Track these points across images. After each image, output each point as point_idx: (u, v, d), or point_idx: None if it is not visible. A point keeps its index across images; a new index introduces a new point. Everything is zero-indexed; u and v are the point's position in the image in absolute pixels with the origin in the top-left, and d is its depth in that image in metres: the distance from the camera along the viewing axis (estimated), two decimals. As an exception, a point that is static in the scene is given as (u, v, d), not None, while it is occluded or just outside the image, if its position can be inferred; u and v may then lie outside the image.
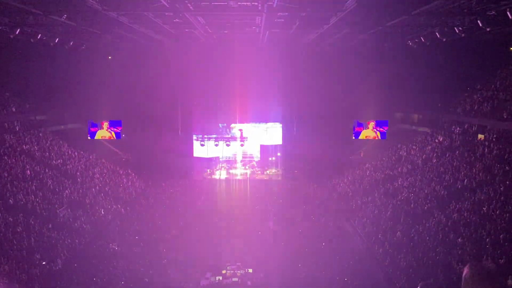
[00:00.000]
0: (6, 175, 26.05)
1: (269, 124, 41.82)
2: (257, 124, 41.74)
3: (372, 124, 38.45)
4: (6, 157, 27.84)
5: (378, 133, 38.75)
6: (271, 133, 41.88)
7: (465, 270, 2.88)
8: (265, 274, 20.94)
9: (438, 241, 19.91)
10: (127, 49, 35.01)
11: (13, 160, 28.00)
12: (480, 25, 19.41)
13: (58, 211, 25.30)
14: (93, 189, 30.02)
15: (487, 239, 18.20)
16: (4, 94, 33.67)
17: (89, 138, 37.00)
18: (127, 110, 38.90)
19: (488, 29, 19.94)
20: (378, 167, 33.48)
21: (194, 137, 40.96)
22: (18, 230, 21.67)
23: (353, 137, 38.81)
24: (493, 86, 30.47)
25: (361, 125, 38.36)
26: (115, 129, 37.72)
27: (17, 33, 22.70)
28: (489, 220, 19.48)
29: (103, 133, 38.65)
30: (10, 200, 24.11)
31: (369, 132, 38.82)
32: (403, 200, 25.84)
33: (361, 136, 38.55)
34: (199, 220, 27.56)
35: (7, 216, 22.49)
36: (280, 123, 41.62)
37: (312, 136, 37.84)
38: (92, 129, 37.53)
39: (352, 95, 37.51)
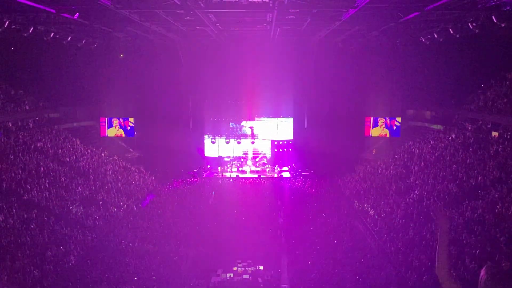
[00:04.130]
0: (20, 172, 26.41)
1: (280, 119, 41.79)
2: (268, 119, 41.71)
3: (381, 121, 38.50)
4: (20, 154, 28.21)
5: (386, 130, 38.75)
6: (282, 129, 41.86)
7: (482, 273, 2.84)
8: (276, 271, 20.96)
9: (451, 240, 19.68)
10: (138, 47, 35.24)
11: (27, 157, 28.36)
12: (495, 20, 19.13)
13: (71, 207, 25.59)
14: (106, 186, 30.30)
15: (501, 238, 17.97)
16: (18, 92, 34.09)
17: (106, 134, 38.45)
18: (139, 107, 39.30)
19: (502, 25, 19.64)
20: (390, 164, 33.22)
21: (206, 136, 41.26)
22: (32, 226, 21.97)
23: (368, 134, 38.85)
24: (507, 82, 30.00)
25: (376, 123, 38.44)
26: (126, 125, 38.95)
27: (30, 31, 22.96)
28: (504, 219, 19.22)
29: (113, 131, 39.72)
30: (24, 197, 24.45)
31: (378, 130, 38.89)
32: (416, 198, 25.62)
33: (373, 134, 38.78)
34: (210, 217, 27.65)
35: (21, 212, 22.81)
36: (292, 117, 41.58)
37: (323, 132, 37.73)
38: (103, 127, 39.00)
39: (364, 92, 37.31)
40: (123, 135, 40.53)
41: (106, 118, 39.99)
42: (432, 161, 29.41)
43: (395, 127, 38.99)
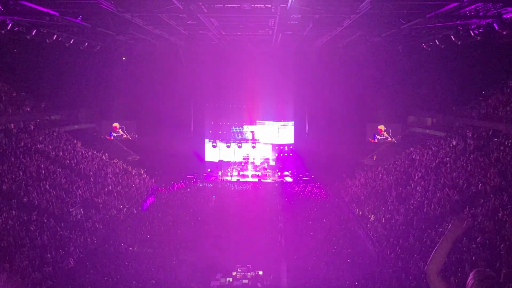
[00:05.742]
0: (21, 173, 26.41)
1: (281, 123, 41.82)
2: (269, 123, 41.72)
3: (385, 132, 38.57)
4: (21, 156, 28.23)
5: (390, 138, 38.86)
6: (283, 132, 41.88)
7: (470, 278, 2.88)
8: (275, 276, 20.91)
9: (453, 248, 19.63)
10: (141, 50, 35.35)
11: (28, 159, 28.37)
12: (497, 28, 19.16)
13: (71, 210, 25.56)
14: (106, 189, 30.29)
15: (502, 245, 17.92)
16: (20, 94, 34.16)
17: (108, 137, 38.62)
18: (140, 110, 39.38)
19: (504, 33, 19.67)
20: (391, 170, 33.18)
21: (206, 140, 41.32)
22: (32, 228, 21.93)
23: (373, 140, 38.92)
24: (508, 90, 30.03)
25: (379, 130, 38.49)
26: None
27: (33, 34, 23.02)
28: (504, 226, 19.18)
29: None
30: (24, 199, 24.44)
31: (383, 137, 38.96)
32: (416, 204, 25.58)
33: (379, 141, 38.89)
34: (210, 221, 27.63)
35: (21, 214, 22.79)
36: (293, 120, 41.61)
37: (324, 137, 37.78)
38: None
39: (365, 98, 37.36)
40: (130, 138, 40.79)
41: (111, 122, 40.27)
42: (433, 168, 29.38)
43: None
